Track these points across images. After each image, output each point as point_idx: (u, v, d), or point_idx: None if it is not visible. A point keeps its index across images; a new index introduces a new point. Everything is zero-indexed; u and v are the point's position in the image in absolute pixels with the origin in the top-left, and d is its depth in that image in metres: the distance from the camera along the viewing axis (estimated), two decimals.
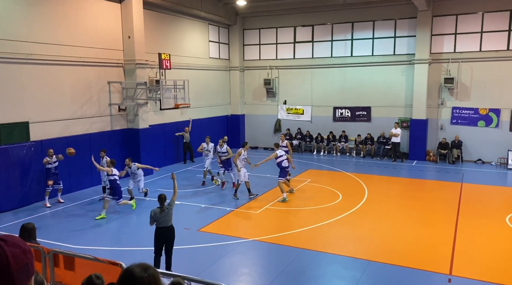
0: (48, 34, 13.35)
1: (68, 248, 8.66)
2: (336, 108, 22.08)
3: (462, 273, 8.14)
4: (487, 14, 18.72)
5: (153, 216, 7.92)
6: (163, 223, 7.94)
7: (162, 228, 7.95)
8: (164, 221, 7.94)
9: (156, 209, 7.97)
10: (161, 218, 7.92)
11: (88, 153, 14.92)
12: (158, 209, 7.95)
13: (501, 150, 18.80)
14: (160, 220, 7.93)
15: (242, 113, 24.32)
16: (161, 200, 7.99)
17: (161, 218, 7.92)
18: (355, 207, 12.55)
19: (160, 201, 7.99)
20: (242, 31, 23.69)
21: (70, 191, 14.11)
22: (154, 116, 17.90)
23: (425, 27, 19.35)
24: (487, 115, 19.23)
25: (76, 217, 11.80)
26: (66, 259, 5.81)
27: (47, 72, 13.43)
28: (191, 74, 19.62)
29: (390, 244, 9.74)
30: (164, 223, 7.95)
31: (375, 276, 8.12)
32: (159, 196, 8.06)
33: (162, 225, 7.94)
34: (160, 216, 7.92)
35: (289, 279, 7.98)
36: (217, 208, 12.52)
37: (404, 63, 20.34)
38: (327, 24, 21.78)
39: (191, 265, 8.57)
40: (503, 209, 12.29)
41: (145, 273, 2.14)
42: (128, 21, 16.04)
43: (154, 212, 7.94)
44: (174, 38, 19.31)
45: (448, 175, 17.07)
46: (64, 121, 14.10)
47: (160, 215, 7.92)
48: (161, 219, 7.92)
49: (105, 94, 15.65)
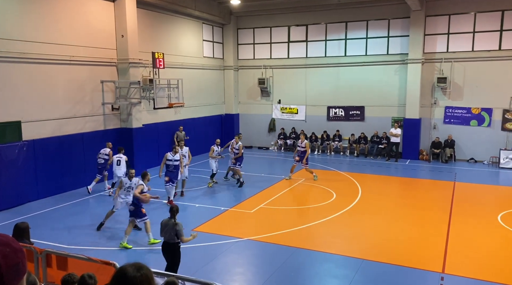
0: (40, 33, 13.25)
1: (61, 248, 8.61)
2: (330, 107, 22.14)
3: (455, 271, 8.21)
4: (479, 14, 18.87)
5: (162, 226, 7.42)
6: (165, 237, 7.39)
7: (164, 242, 7.46)
8: (166, 236, 7.37)
9: (165, 219, 7.45)
10: (164, 230, 7.38)
11: (81, 153, 14.87)
12: (167, 220, 7.41)
13: (493, 149, 18.97)
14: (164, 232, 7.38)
15: (236, 112, 24.30)
16: (172, 212, 7.39)
17: (164, 231, 7.37)
18: (348, 206, 12.60)
19: (171, 213, 7.40)
20: (236, 30, 23.67)
21: (64, 191, 14.02)
22: (147, 116, 17.84)
23: (418, 27, 19.45)
24: (480, 114, 19.39)
25: (70, 216, 11.72)
26: (59, 259, 5.78)
27: (39, 71, 13.33)
28: (185, 73, 19.57)
29: (384, 243, 9.79)
30: (166, 238, 7.37)
31: (369, 274, 8.16)
32: (170, 207, 7.53)
33: (165, 239, 7.41)
34: (165, 228, 7.36)
35: (283, 278, 7.99)
36: (211, 207, 12.51)
37: (397, 63, 20.44)
38: (321, 23, 21.83)
39: (185, 265, 8.54)
40: (495, 208, 12.40)
41: (137, 272, 2.13)
42: (121, 19, 15.96)
43: (162, 221, 7.46)
44: (167, 37, 19.25)
45: (441, 174, 17.18)
46: (56, 121, 14.00)
47: (165, 227, 7.36)
48: (165, 231, 7.37)
49: (98, 93, 15.57)
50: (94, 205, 12.91)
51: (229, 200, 13.20)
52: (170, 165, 12.60)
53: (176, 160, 12.66)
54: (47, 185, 13.55)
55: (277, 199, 13.41)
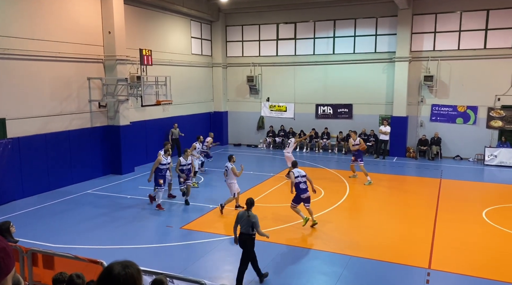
0: (25, 29, 13.02)
1: (47, 247, 8.50)
2: (318, 105, 22.23)
3: (441, 267, 8.33)
4: (465, 13, 19.12)
5: (237, 218, 7.68)
6: (241, 228, 7.63)
7: (241, 233, 7.64)
8: (242, 227, 7.61)
9: (241, 211, 7.74)
10: (240, 221, 7.63)
11: (68, 150, 14.69)
12: (242, 212, 7.69)
13: (478, 147, 19.27)
14: (242, 224, 7.61)
15: (225, 110, 24.25)
16: (248, 205, 7.70)
17: (240, 222, 7.62)
18: (337, 203, 12.68)
19: (248, 205, 7.69)
20: (224, 28, 23.59)
21: (50, 189, 13.83)
22: (135, 113, 17.69)
23: (405, 25, 19.63)
24: (465, 112, 19.67)
25: (56, 215, 11.57)
26: (45, 258, 5.70)
27: (24, 67, 13.11)
28: (173, 70, 19.44)
29: (371, 240, 9.88)
30: (243, 229, 7.60)
31: (357, 271, 8.23)
32: (247, 200, 7.78)
33: (241, 230, 7.63)
34: (240, 219, 7.63)
35: (272, 275, 8.01)
36: (200, 205, 12.47)
37: (385, 61, 20.61)
38: (310, 21, 21.88)
39: (173, 263, 8.52)
40: (480, 204, 12.61)
41: (123, 270, 2.13)
42: (108, 16, 15.77)
43: (239, 213, 7.71)
44: (155, 34, 19.09)
45: (427, 171, 17.40)
46: (42, 118, 13.80)
47: (240, 218, 7.63)
48: (241, 223, 7.61)
49: (85, 91, 15.37)
50: (80, 204, 12.76)
51: (218, 198, 13.16)
52: (184, 169, 12.44)
53: (188, 164, 12.53)
54: (33, 183, 13.36)
55: (266, 197, 13.43)
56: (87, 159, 15.41)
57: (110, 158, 16.36)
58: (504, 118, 18.97)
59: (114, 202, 12.90)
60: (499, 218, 11.34)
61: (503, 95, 18.89)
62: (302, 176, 10.52)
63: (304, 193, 10.42)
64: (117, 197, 13.38)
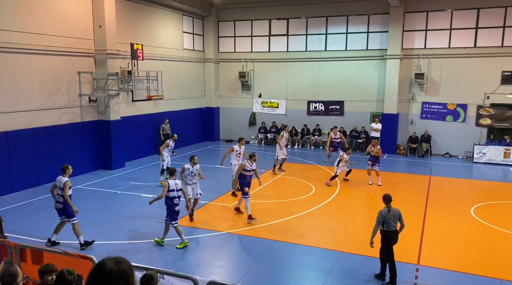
0: (14, 21, 12.81)
1: (36, 242, 8.42)
2: (310, 102, 22.28)
3: (429, 263, 8.42)
4: (456, 11, 19.27)
5: (382, 216, 7.38)
6: (391, 226, 7.39)
7: (391, 232, 7.39)
8: (392, 224, 7.38)
9: (384, 209, 7.43)
10: (389, 219, 7.36)
11: (57, 145, 14.54)
12: (386, 209, 7.42)
13: (467, 144, 19.49)
14: (389, 222, 7.37)
15: (217, 105, 24.17)
16: (386, 200, 7.49)
17: (389, 220, 7.36)
18: (327, 200, 12.74)
19: (385, 200, 7.49)
20: (217, 23, 23.47)
21: (39, 184, 13.69)
22: (126, 108, 17.55)
23: (397, 23, 19.72)
24: (455, 110, 19.86)
25: (45, 210, 11.46)
26: (34, 253, 5.65)
27: (13, 60, 12.91)
28: (164, 65, 19.31)
29: (361, 236, 9.95)
30: (394, 226, 7.39)
31: (347, 266, 8.29)
32: (383, 195, 7.59)
33: (391, 228, 7.39)
34: (388, 216, 7.35)
35: (263, 271, 8.04)
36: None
37: (376, 58, 20.69)
38: (302, 18, 21.86)
39: (164, 258, 8.50)
40: (469, 201, 12.78)
41: (115, 266, 2.13)
42: (99, 9, 15.58)
43: (382, 212, 7.39)
44: (147, 28, 18.93)
45: (417, 168, 17.56)
46: (31, 112, 13.62)
47: (388, 216, 7.35)
48: (389, 220, 7.36)
49: (75, 85, 15.20)
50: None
51: (209, 194, 13.15)
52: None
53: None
54: (21, 178, 13.21)
55: (257, 193, 13.43)
56: (77, 154, 15.26)
57: (100, 153, 16.23)
58: (493, 116, 19.20)
59: (104, 197, 12.81)
60: (487, 215, 11.50)
61: (492, 93, 19.10)
62: None
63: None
64: (107, 192, 13.29)
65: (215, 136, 24.01)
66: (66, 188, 8.68)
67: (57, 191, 8.84)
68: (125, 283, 2.14)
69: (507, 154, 18.24)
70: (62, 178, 8.82)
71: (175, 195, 8.93)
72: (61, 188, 8.74)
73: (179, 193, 9.01)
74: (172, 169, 9.37)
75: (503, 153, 18.33)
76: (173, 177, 9.11)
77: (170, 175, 9.31)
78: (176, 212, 8.99)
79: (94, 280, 2.14)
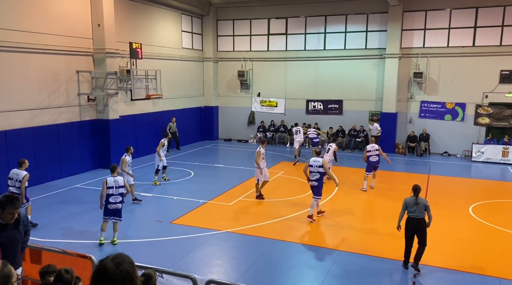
0: (12, 20, 12.79)
1: (35, 241, 8.42)
2: (309, 101, 22.28)
3: (428, 262, 8.43)
4: (455, 11, 19.28)
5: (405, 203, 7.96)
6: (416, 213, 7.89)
7: (414, 219, 7.88)
8: (417, 212, 7.87)
9: (410, 198, 7.95)
10: (412, 208, 7.88)
11: (56, 144, 14.52)
12: (411, 198, 7.93)
13: (466, 143, 19.53)
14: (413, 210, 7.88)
15: (215, 105, 24.17)
16: (416, 191, 7.95)
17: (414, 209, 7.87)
18: (326, 199, 12.75)
19: (415, 192, 7.95)
20: (215, 22, 23.45)
21: (37, 183, 13.68)
22: (124, 107, 17.54)
23: (396, 22, 19.73)
24: (454, 109, 19.89)
25: (43, 209, 11.45)
26: (32, 253, 5.65)
27: (11, 59, 12.89)
28: (163, 64, 19.30)
29: (359, 234, 9.98)
30: (416, 214, 7.88)
31: (345, 265, 8.31)
32: (413, 186, 8.04)
33: (414, 215, 7.89)
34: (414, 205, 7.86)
35: (261, 270, 8.05)
36: (189, 200, 12.45)
37: (375, 57, 20.70)
38: (301, 17, 21.86)
39: (163, 257, 8.51)
40: (467, 200, 12.80)
41: (117, 268, 2.11)
42: (98, 8, 15.57)
43: (407, 201, 7.96)
44: (145, 27, 18.91)
45: (416, 167, 17.58)
46: (30, 111, 13.61)
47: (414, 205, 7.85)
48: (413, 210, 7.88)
49: (73, 84, 15.18)
50: (68, 198, 12.64)
51: (208, 193, 13.16)
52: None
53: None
54: None
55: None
56: (75, 153, 15.26)
57: (99, 152, 16.22)
58: (491, 115, 19.23)
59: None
60: (485, 213, 11.53)
61: (491, 92, 19.13)
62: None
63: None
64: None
65: (214, 135, 24.01)
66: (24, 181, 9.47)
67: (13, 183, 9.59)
68: (130, 283, 2.14)
69: (506, 153, 18.28)
70: (20, 171, 9.59)
71: (113, 192, 8.99)
72: (19, 181, 9.49)
73: (119, 190, 9.02)
74: (112, 166, 9.42)
75: (501, 152, 18.37)
76: (113, 174, 9.17)
77: (111, 172, 9.31)
78: (109, 210, 9.02)
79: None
